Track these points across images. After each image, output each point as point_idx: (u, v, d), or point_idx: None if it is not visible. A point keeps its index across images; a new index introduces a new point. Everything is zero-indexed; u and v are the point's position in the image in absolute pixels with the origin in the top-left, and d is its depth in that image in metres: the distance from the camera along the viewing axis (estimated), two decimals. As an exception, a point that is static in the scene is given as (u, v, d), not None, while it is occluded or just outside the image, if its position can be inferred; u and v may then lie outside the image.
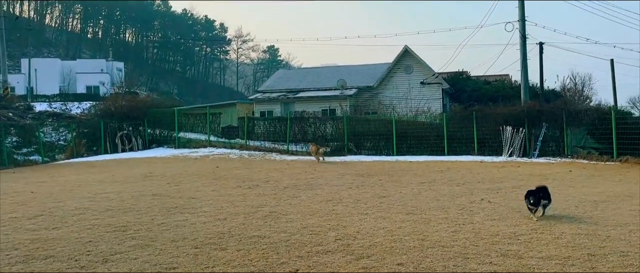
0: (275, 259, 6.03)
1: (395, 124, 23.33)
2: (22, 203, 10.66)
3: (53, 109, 33.72)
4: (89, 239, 7.30)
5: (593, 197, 10.27)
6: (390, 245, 6.57)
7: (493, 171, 15.57)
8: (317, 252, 6.31)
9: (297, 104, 32.41)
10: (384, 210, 9.16)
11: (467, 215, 8.59)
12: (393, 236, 7.11)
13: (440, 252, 6.18)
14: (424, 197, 10.54)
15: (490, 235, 7.05)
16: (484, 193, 11.08)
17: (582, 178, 13.68)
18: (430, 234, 7.19)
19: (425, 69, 32.28)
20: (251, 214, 8.90)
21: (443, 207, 9.35)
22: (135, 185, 13.38)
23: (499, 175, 14.42)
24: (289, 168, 17.17)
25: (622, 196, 10.35)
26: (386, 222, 8.09)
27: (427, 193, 11.17)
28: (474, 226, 7.75)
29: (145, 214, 9.10)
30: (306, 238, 7.04)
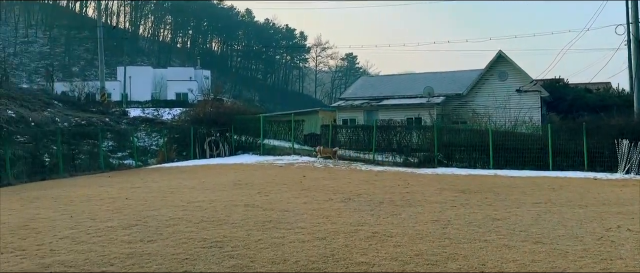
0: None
1: (492, 134, 21.65)
2: (117, 210, 10.60)
3: (146, 114, 35.16)
4: (186, 256, 6.82)
5: None
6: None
7: (615, 191, 13.67)
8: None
9: (381, 112, 31.39)
10: (505, 236, 7.97)
11: (609, 247, 7.21)
12: (529, 271, 5.98)
13: (600, 299, 4.99)
14: (546, 222, 9.18)
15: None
16: (617, 218, 9.50)
17: None
18: (575, 271, 5.98)
19: (521, 76, 30.07)
20: (352, 234, 8.09)
21: (575, 236, 7.99)
22: (225, 193, 13.08)
23: (624, 196, 12.58)
24: (379, 181, 16.24)
25: None
26: (513, 252, 6.94)
27: (548, 216, 9.77)
28: (624, 262, 6.41)
29: (240, 228, 8.57)
30: (423, 270, 6.09)
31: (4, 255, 6.92)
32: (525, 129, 23.87)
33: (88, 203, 11.66)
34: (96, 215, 10.00)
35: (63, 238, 7.91)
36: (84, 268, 6.36)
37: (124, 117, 30.37)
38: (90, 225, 8.99)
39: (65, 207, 11.15)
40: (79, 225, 8.99)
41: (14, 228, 8.77)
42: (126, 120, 29.66)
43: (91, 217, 9.81)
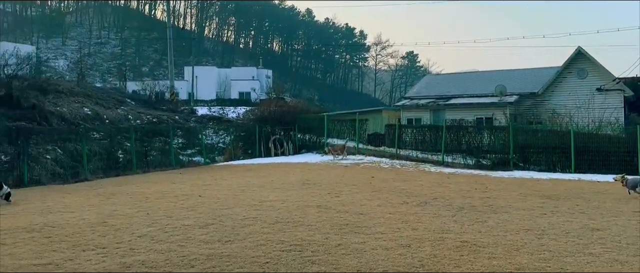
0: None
1: (574, 135, 20.18)
2: (191, 208, 10.55)
3: (212, 113, 35.86)
4: (266, 259, 6.52)
5: None
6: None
7: None
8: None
9: (449, 112, 30.26)
10: (611, 249, 7.12)
11: None
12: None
13: None
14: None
15: None
16: None
17: None
18: None
19: (602, 73, 27.98)
20: (438, 242, 7.50)
21: (699, 252, 7.00)
22: (295, 193, 12.81)
23: None
24: (453, 183, 15.44)
25: None
26: (628, 268, 6.12)
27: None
28: None
29: (317, 231, 8.20)
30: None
31: (85, 253, 6.90)
32: (609, 130, 22.14)
33: (163, 200, 11.73)
34: (172, 212, 9.97)
35: (141, 237, 7.86)
36: (165, 269, 6.20)
37: (193, 115, 31.05)
38: (167, 223, 8.94)
39: (141, 204, 11.25)
40: (156, 222, 8.96)
41: (94, 224, 8.85)
42: (194, 118, 30.30)
43: (167, 214, 9.79)
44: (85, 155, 17.43)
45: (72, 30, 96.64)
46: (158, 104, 31.21)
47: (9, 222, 8.97)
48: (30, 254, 6.77)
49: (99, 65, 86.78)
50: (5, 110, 20.21)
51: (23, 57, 24.43)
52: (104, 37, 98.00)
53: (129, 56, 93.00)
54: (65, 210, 10.47)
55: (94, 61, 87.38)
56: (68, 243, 7.39)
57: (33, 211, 10.25)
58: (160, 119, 27.30)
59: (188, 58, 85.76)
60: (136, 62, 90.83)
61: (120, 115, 25.45)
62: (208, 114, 34.03)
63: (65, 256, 6.71)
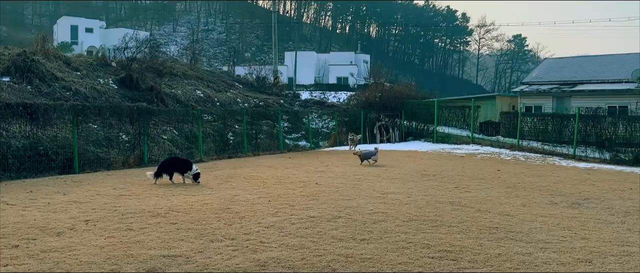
0: None
1: None
2: (312, 197, 9.83)
3: (313, 97, 35.50)
4: (415, 267, 5.50)
5: None
6: None
7: None
8: None
9: (575, 99, 27.21)
10: None
11: None
12: None
13: None
14: None
15: None
16: None
17: None
18: None
19: None
20: (624, 257, 6.03)
21: None
22: (417, 185, 11.68)
23: None
24: (598, 181, 13.39)
25: None
26: None
27: None
28: None
29: (464, 234, 7.04)
30: None
31: (214, 244, 6.34)
32: None
33: (280, 186, 11.17)
34: (294, 201, 9.31)
35: (269, 228, 7.20)
36: (304, 269, 5.42)
37: (296, 100, 30.84)
38: (291, 212, 8.25)
39: (260, 189, 10.76)
40: (280, 212, 8.31)
41: (218, 210, 8.39)
42: (298, 102, 30.07)
43: (289, 203, 9.13)
44: (201, 137, 17.53)
45: (182, 17, 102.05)
46: (263, 88, 31.37)
47: (135, 204, 8.80)
48: (158, 243, 6.34)
49: (206, 50, 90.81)
50: (126, 91, 21.07)
51: (141, 41, 25.40)
52: (210, 24, 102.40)
53: (233, 42, 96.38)
54: (187, 193, 10.22)
55: (201, 47, 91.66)
56: (195, 232, 6.91)
57: (157, 193, 10.10)
58: (266, 102, 27.32)
59: (287, 44, 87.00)
60: (240, 48, 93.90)
61: (230, 98, 25.75)
62: (311, 98, 33.69)
63: (194, 247, 6.19)
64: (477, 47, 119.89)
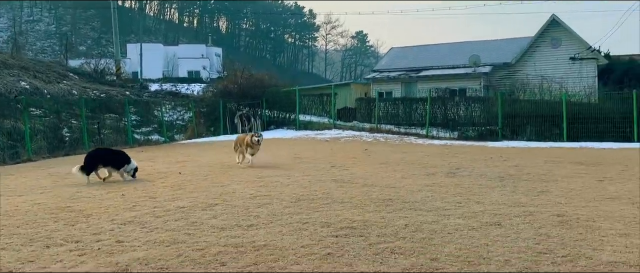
0: None
1: (566, 104, 19.25)
2: (177, 187, 8.34)
3: (164, 89, 32.83)
4: (323, 248, 4.54)
5: None
6: None
7: None
8: None
9: (421, 83, 28.96)
10: None
11: None
12: None
13: None
14: None
15: None
16: None
17: None
18: None
19: (576, 42, 27.46)
20: (528, 217, 5.80)
21: None
22: (293, 166, 10.85)
23: None
24: (459, 154, 13.98)
25: None
26: None
27: None
28: None
29: (361, 208, 6.30)
30: None
31: (51, 250, 4.66)
32: (593, 99, 21.52)
33: (134, 180, 9.42)
34: (154, 193, 7.74)
35: (126, 224, 5.65)
36: (184, 268, 4.11)
37: (145, 91, 28.04)
38: (153, 205, 6.74)
39: (106, 184, 8.91)
40: (138, 205, 6.74)
41: (54, 210, 6.52)
42: (147, 93, 27.34)
43: (149, 195, 7.56)
44: (28, 133, 14.53)
45: (0, 7, 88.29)
46: (103, 79, 27.93)
47: None
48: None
49: (32, 44, 79.82)
50: None
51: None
52: (36, 15, 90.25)
53: (65, 35, 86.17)
54: (10, 193, 7.98)
55: (26, 40, 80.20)
56: (22, 238, 5.09)
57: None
58: (108, 94, 24.24)
59: (129, 36, 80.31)
60: (72, 41, 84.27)
61: (64, 90, 22.25)
62: (162, 89, 31.01)
63: (21, 256, 4.44)
64: (325, 42, 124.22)
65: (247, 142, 11.13)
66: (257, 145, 11.16)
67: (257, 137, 11.23)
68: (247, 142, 11.13)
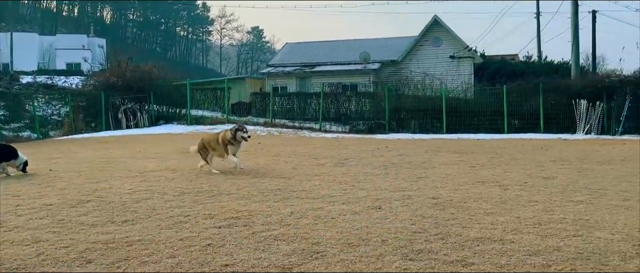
0: None
1: (445, 99, 20.65)
2: (45, 184, 7.57)
3: (38, 81, 29.95)
4: (203, 240, 4.36)
5: None
6: None
7: (616, 148, 13.03)
8: None
9: (315, 79, 29.44)
10: (591, 196, 6.44)
11: None
12: None
13: None
14: (600, 178, 7.86)
15: None
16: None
17: None
18: None
19: (455, 42, 29.63)
20: (407, 200, 6.07)
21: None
22: (180, 161, 10.39)
23: (629, 153, 11.88)
24: (349, 146, 14.38)
25: None
26: (630, 213, 5.37)
27: (590, 173, 8.50)
28: None
29: (248, 199, 6.17)
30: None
31: None
32: (469, 94, 23.33)
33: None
34: (19, 190, 6.96)
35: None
36: (43, 268, 3.70)
37: (16, 83, 25.33)
38: (15, 203, 6.04)
39: (-38, 183, 7.86)
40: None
41: None
42: (18, 86, 24.73)
43: (12, 193, 6.77)
44: None
45: None
46: (-36, 69, 24.76)
47: None
48: None
49: None
50: None
51: None
52: None
53: None
54: None
55: None
56: None
57: None
58: (-31, 86, 21.53)
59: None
60: None
61: None
62: (35, 81, 28.22)
63: None
64: (220, 37, 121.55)
65: (228, 139, 8.38)
66: (238, 143, 8.45)
67: (245, 132, 8.39)
68: (228, 139, 8.38)
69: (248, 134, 8.43)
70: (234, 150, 8.49)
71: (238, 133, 8.32)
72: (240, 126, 8.52)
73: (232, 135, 8.37)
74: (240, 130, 8.38)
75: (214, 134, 9.02)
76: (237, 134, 8.33)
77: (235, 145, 8.48)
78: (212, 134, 9.27)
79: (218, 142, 8.55)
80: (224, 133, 8.57)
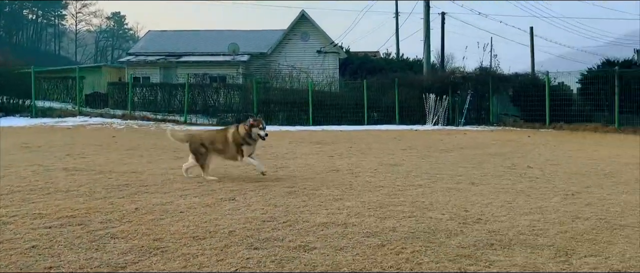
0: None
1: (312, 92, 21.19)
2: None
3: None
4: (30, 243, 3.90)
5: (608, 162, 9.38)
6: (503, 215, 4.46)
7: (458, 138, 14.37)
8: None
9: (181, 69, 28.33)
10: (438, 179, 7.02)
11: (549, 181, 6.87)
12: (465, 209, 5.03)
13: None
14: (446, 165, 8.63)
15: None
16: (501, 158, 9.57)
17: (558, 143, 13.06)
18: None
19: (322, 37, 30.54)
20: (262, 191, 6.07)
21: (497, 175, 7.53)
22: (16, 157, 9.26)
23: (471, 142, 13.22)
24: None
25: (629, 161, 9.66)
26: (461, 194, 5.97)
27: (434, 159, 9.30)
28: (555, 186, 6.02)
29: (88, 196, 5.68)
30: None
31: None
32: (334, 88, 24.22)
33: None
34: None
35: None
36: None
37: None
38: None
39: None
40: None
41: None
42: None
43: None
44: None
45: None
46: None
47: None
48: None
49: None
50: None
51: None
52: None
53: None
54: None
55: None
56: None
57: None
58: None
59: None
60: None
61: None
62: None
63: None
64: (75, 22, 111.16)
65: (242, 137, 6.80)
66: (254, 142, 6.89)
67: (262, 128, 6.76)
68: (242, 137, 6.80)
69: (265, 131, 6.83)
70: (249, 150, 6.91)
71: (253, 130, 6.72)
72: (256, 120, 6.83)
73: (247, 131, 6.76)
74: (255, 125, 6.74)
75: (216, 132, 7.39)
76: (252, 131, 6.75)
77: (252, 144, 6.89)
78: (213, 131, 7.61)
79: (227, 142, 6.91)
80: (235, 130, 6.92)
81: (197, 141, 7.03)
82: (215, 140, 6.98)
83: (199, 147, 6.97)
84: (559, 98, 17.76)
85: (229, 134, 6.93)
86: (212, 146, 6.94)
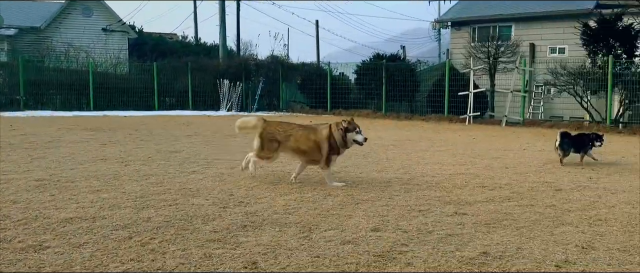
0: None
1: (93, 74, 19.25)
2: None
3: None
4: None
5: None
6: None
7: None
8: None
9: None
10: (218, 166, 6.96)
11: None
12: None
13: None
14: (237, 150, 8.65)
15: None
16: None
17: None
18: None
19: (108, 14, 27.96)
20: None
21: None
22: None
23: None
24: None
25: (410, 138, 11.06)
26: (259, 181, 6.07)
27: (227, 146, 9.28)
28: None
29: None
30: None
31: None
32: (120, 70, 22.50)
33: None
34: None
35: None
36: None
37: None
38: None
39: None
40: None
41: None
42: None
43: None
44: None
45: None
46: None
47: None
48: None
49: None
50: None
51: None
52: None
53: None
54: None
55: None
56: None
57: None
58: None
59: None
60: None
61: None
62: None
63: None
64: None
65: (338, 141, 5.35)
66: (343, 150, 5.50)
67: (358, 133, 5.36)
68: (338, 141, 5.35)
69: (364, 136, 5.47)
70: (335, 158, 5.60)
71: (349, 135, 5.37)
72: (351, 122, 5.39)
73: (342, 135, 5.36)
74: (352, 129, 5.36)
75: (301, 127, 5.74)
76: (347, 136, 5.37)
77: (342, 151, 5.55)
78: (297, 124, 5.87)
79: (317, 142, 5.44)
80: (329, 129, 5.44)
81: (270, 130, 5.77)
82: (300, 138, 5.60)
83: (271, 140, 5.72)
84: (340, 87, 19.46)
85: (323, 134, 5.51)
86: (297, 147, 5.60)
